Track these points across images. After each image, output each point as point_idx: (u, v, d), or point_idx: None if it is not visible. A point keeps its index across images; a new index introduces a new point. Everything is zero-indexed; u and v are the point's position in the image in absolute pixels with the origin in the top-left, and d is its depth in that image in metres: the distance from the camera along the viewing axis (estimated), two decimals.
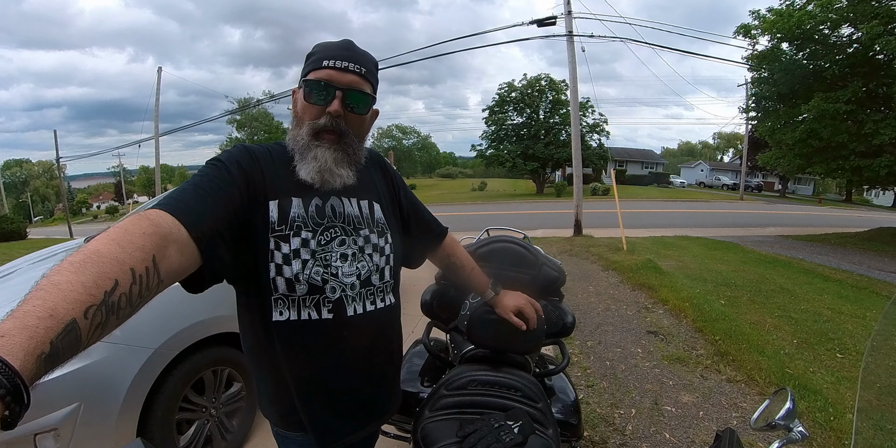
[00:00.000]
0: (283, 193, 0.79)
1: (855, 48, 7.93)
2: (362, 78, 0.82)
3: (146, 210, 0.61)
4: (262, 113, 36.53)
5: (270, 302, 0.78)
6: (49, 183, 58.65)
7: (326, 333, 0.81)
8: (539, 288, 1.52)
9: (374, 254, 0.86)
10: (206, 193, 0.68)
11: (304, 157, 0.80)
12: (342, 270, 0.81)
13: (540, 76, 27.98)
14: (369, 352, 0.88)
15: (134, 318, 0.52)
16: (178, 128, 37.44)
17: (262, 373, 0.86)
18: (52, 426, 1.40)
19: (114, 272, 0.48)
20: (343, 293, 0.81)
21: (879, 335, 0.90)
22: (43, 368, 0.39)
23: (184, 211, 0.62)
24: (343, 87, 0.79)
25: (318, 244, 0.79)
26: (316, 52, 0.82)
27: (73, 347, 0.42)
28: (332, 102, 0.79)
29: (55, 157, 22.71)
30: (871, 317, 3.96)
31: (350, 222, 0.84)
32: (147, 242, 0.53)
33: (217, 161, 0.76)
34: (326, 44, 0.84)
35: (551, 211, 14.87)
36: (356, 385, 0.87)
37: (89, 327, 0.44)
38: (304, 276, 0.78)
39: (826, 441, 2.03)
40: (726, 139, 64.72)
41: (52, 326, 0.40)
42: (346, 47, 0.83)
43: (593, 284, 5.02)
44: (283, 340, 0.79)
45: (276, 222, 0.76)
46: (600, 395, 2.51)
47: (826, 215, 17.71)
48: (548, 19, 9.11)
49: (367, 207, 0.89)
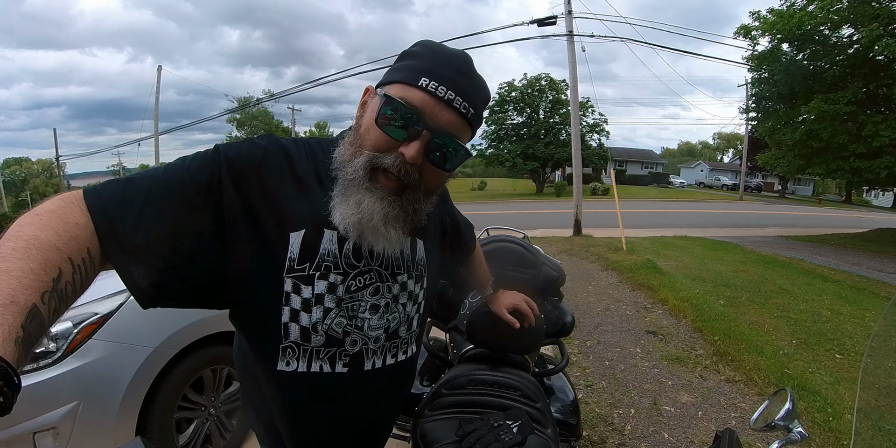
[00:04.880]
0: (311, 222, 0.60)
1: (855, 49, 7.93)
2: (466, 122, 0.61)
3: (74, 192, 0.53)
4: (262, 111, 36.51)
5: (278, 350, 0.63)
6: (49, 181, 58.49)
7: (337, 388, 0.68)
8: (538, 288, 1.52)
9: (407, 303, 0.73)
10: (160, 201, 0.53)
11: (345, 195, 0.60)
12: (368, 323, 0.67)
13: (540, 76, 28.00)
14: (381, 407, 0.77)
15: (133, 317, 0.52)
16: (178, 127, 37.26)
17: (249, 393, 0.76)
18: (52, 425, 1.40)
19: (56, 260, 0.45)
20: (364, 347, 0.68)
21: (879, 336, 0.90)
22: (22, 352, 0.38)
23: (109, 220, 0.51)
24: (435, 127, 0.58)
25: (346, 291, 0.64)
26: (419, 58, 0.61)
27: (40, 332, 0.42)
28: (412, 144, 0.57)
29: (55, 156, 22.74)
30: (870, 317, 3.96)
31: (389, 266, 0.69)
32: (80, 234, 0.49)
33: (216, 155, 0.58)
34: (438, 50, 0.62)
35: (551, 211, 14.87)
36: (357, 441, 0.76)
37: (48, 312, 0.43)
38: (323, 327, 0.63)
39: (825, 441, 2.03)
40: (726, 139, 64.82)
41: (18, 312, 0.39)
42: (463, 71, 0.60)
43: (593, 284, 5.02)
44: (283, 391, 0.67)
45: (297, 260, 0.60)
46: (599, 395, 2.51)
47: (826, 216, 17.73)
48: (548, 19, 9.11)
49: (410, 247, 0.72)
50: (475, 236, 1.06)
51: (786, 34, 8.33)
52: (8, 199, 40.35)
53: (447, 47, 0.63)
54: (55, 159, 23.39)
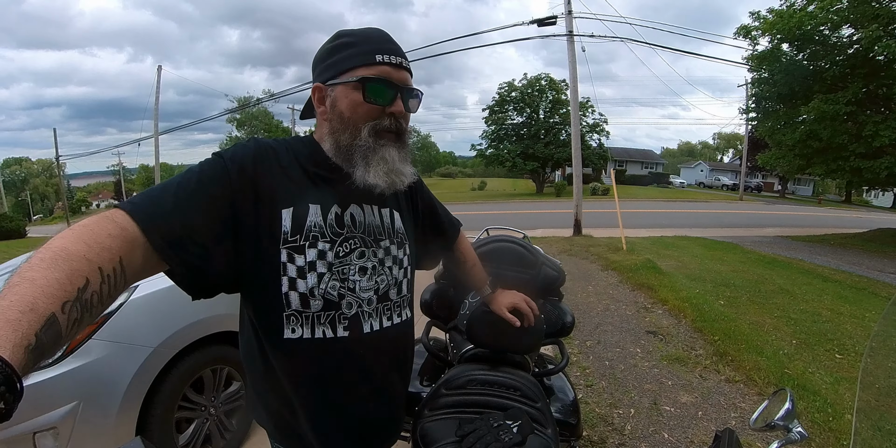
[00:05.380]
0: (298, 200, 0.72)
1: (855, 49, 7.93)
2: (409, 72, 0.78)
3: (112, 210, 0.58)
4: (262, 111, 36.51)
5: (282, 318, 0.71)
6: (48, 181, 58.61)
7: (342, 352, 0.75)
8: (538, 287, 1.52)
9: (393, 267, 0.82)
10: (187, 195, 0.62)
11: (368, 160, 0.74)
12: (360, 285, 0.76)
13: (540, 76, 28.01)
14: (385, 372, 0.82)
15: (134, 317, 0.53)
16: (178, 126, 37.28)
17: (260, 387, 0.80)
18: (52, 425, 1.40)
19: (84, 270, 0.47)
20: (360, 309, 0.76)
21: (879, 336, 0.90)
22: (31, 360, 0.39)
23: (149, 214, 0.58)
24: (401, 85, 0.75)
25: (335, 256, 0.73)
26: (356, 44, 0.74)
27: (56, 342, 0.43)
28: (395, 103, 0.75)
29: (55, 156, 22.74)
30: (870, 317, 3.96)
31: (371, 233, 0.79)
32: (114, 244, 0.52)
33: (219, 158, 0.69)
34: (365, 34, 0.76)
35: (551, 211, 14.88)
36: (370, 408, 0.81)
37: (67, 322, 0.44)
38: (319, 291, 0.72)
39: (825, 441, 2.03)
40: (726, 139, 64.81)
41: (35, 320, 0.40)
42: (390, 40, 0.76)
43: (593, 284, 5.02)
44: (294, 360, 0.74)
45: (290, 232, 0.70)
46: (599, 395, 2.51)
47: (825, 216, 17.72)
48: (548, 19, 9.11)
49: (388, 216, 0.83)
50: (457, 225, 1.10)
51: (786, 34, 8.32)
52: (8, 198, 40.37)
53: (365, 28, 0.77)
54: (55, 159, 23.39)
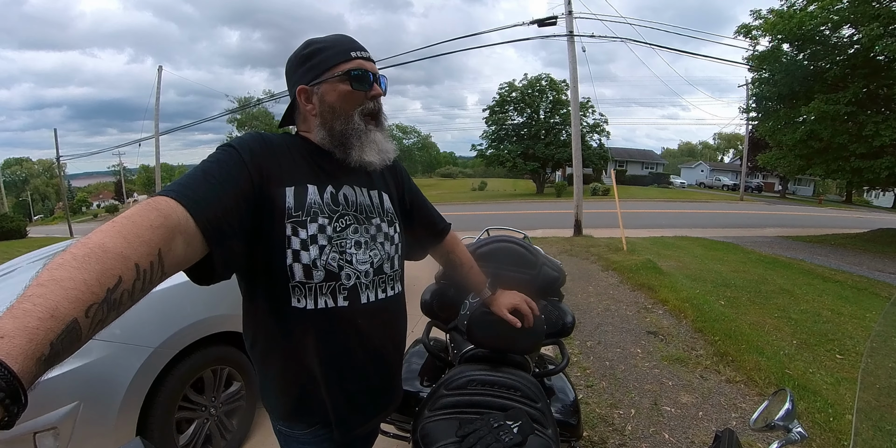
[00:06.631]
0: (298, 181, 0.80)
1: (856, 49, 7.92)
2: (374, 62, 0.90)
3: (154, 197, 0.60)
4: (263, 112, 36.53)
5: (288, 289, 0.78)
6: (49, 181, 58.63)
7: (342, 321, 0.82)
8: (539, 288, 1.52)
9: (385, 242, 0.89)
10: (216, 181, 0.67)
11: (363, 142, 0.85)
12: (356, 257, 0.83)
13: (540, 76, 27.97)
14: (380, 341, 0.89)
15: (134, 317, 0.53)
16: (179, 127, 37.29)
17: (269, 365, 0.86)
18: (52, 425, 1.40)
19: (118, 268, 0.47)
20: (357, 280, 0.83)
21: (879, 336, 0.90)
22: (41, 370, 0.39)
23: (192, 199, 0.62)
24: (374, 73, 0.87)
25: (333, 230, 0.81)
26: (330, 47, 0.86)
27: (72, 346, 0.42)
28: (375, 87, 0.87)
29: (55, 156, 22.73)
30: (870, 318, 3.96)
31: (362, 211, 0.87)
32: (154, 236, 0.53)
33: (229, 146, 0.76)
34: (333, 38, 0.88)
35: (551, 211, 14.87)
36: (368, 375, 0.88)
37: (90, 325, 0.44)
38: (321, 262, 0.78)
39: (825, 442, 2.03)
40: (726, 140, 64.73)
41: (53, 327, 0.39)
42: (353, 38, 0.90)
43: (593, 284, 5.02)
44: (300, 328, 0.80)
45: (293, 208, 0.77)
46: (600, 396, 2.51)
47: (826, 216, 17.71)
48: (548, 19, 9.11)
49: (377, 197, 0.92)
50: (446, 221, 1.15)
51: (786, 34, 8.32)
52: (8, 199, 40.34)
53: (331, 34, 0.89)
54: (56, 159, 23.36)
